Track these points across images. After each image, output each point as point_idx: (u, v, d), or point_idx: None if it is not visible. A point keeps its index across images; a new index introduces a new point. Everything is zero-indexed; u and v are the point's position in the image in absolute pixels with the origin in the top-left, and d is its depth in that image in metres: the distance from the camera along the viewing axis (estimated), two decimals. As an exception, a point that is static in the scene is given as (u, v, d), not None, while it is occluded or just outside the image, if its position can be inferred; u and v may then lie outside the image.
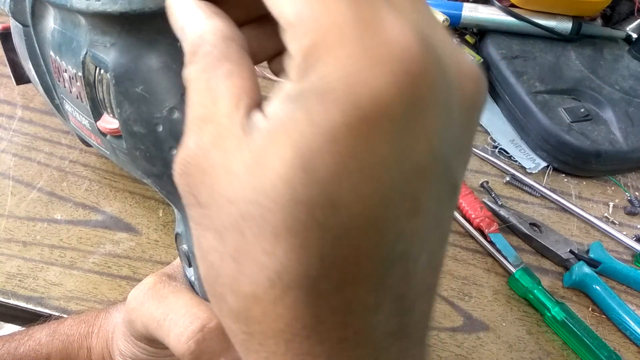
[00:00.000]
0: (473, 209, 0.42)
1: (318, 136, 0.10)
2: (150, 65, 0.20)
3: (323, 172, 0.10)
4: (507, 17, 0.53)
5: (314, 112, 0.10)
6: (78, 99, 0.26)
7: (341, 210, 0.10)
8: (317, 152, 0.10)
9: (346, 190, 0.10)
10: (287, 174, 0.10)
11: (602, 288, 0.39)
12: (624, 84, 0.51)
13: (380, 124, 0.10)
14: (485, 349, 0.36)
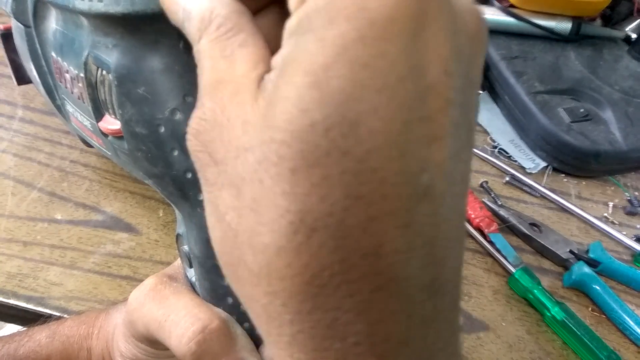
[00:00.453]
0: (473, 209, 0.42)
1: (327, 49, 0.10)
2: (153, 66, 0.20)
3: (337, 86, 0.10)
4: (507, 17, 0.53)
5: (321, 29, 0.10)
6: (80, 99, 0.26)
7: (360, 129, 0.10)
8: (329, 67, 0.10)
9: (362, 105, 0.10)
10: (301, 97, 0.10)
11: (602, 288, 0.39)
12: (623, 84, 0.51)
13: (390, 29, 0.10)
14: (485, 349, 0.36)
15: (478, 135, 0.50)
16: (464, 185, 0.12)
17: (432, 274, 0.11)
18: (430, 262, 0.11)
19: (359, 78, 0.10)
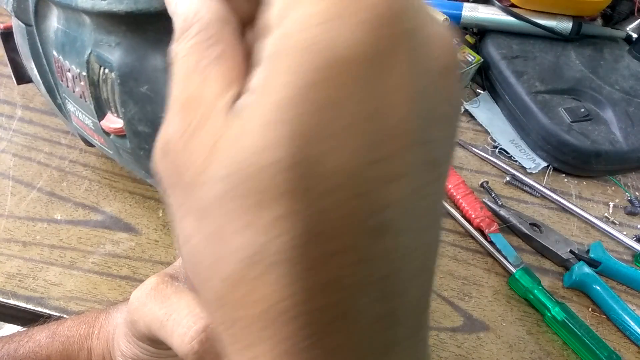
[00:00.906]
0: (473, 209, 0.42)
1: (291, 88, 0.10)
2: (155, 64, 0.20)
3: (302, 123, 0.10)
4: (507, 17, 0.53)
5: (287, 64, 0.10)
6: (82, 98, 0.26)
7: (321, 168, 0.10)
8: (292, 105, 0.10)
9: (324, 145, 0.10)
10: (269, 133, 0.10)
11: (602, 288, 0.38)
12: (624, 84, 0.51)
13: (353, 71, 0.10)
14: (485, 349, 0.36)
15: (478, 135, 0.50)
16: (432, 219, 0.13)
17: (388, 306, 0.12)
18: (387, 295, 0.11)
19: (321, 119, 0.10)
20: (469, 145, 0.48)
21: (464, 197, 0.43)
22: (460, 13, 0.53)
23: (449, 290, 0.39)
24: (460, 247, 0.41)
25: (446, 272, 0.40)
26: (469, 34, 0.59)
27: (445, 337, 0.36)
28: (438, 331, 0.36)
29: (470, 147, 0.48)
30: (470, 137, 0.50)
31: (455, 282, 0.39)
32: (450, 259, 0.41)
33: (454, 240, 0.42)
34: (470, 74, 0.53)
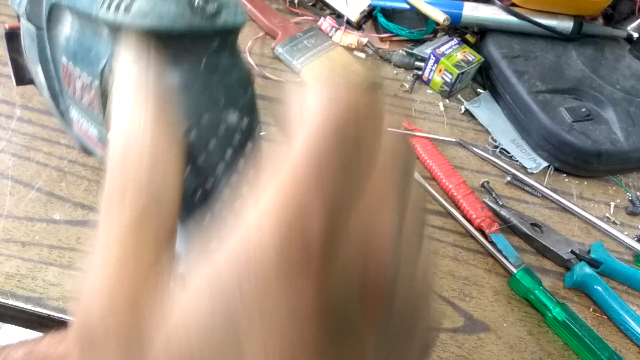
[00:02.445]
0: (474, 209, 0.42)
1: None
2: (172, 83, 0.19)
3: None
4: (508, 16, 0.53)
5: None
6: (90, 107, 0.25)
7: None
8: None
9: None
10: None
11: (604, 288, 0.38)
12: (625, 84, 0.51)
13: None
14: (486, 350, 0.36)
15: (479, 134, 0.50)
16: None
17: None
18: None
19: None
20: (470, 145, 0.48)
21: (464, 197, 0.43)
22: (460, 12, 0.53)
23: (450, 290, 0.39)
24: (461, 247, 0.41)
25: (447, 272, 0.40)
26: (469, 33, 0.58)
27: (445, 337, 0.36)
28: (438, 332, 0.36)
29: (471, 147, 0.48)
30: (471, 137, 0.50)
31: (456, 282, 0.39)
32: (451, 259, 0.40)
33: (454, 240, 0.42)
34: (470, 73, 0.53)
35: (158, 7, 0.17)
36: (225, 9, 0.18)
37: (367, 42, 0.56)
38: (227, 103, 0.20)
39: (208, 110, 0.20)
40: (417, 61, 0.55)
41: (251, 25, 0.57)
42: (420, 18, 0.58)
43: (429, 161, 0.46)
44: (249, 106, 0.21)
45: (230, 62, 0.20)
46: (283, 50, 0.52)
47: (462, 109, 0.52)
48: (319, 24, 0.57)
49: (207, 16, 0.17)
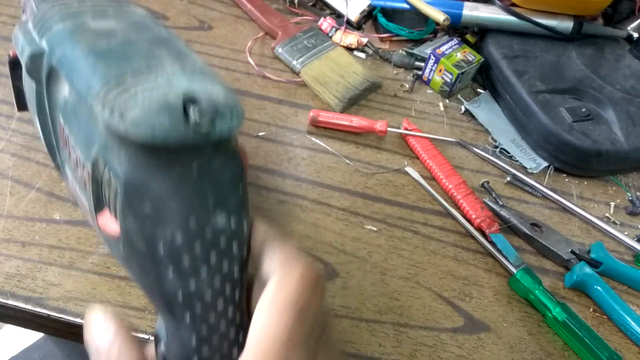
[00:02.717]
0: (474, 209, 0.42)
1: None
2: (163, 187, 0.19)
3: None
4: (508, 16, 0.53)
5: None
6: (82, 181, 0.25)
7: None
8: None
9: None
10: None
11: (604, 288, 0.38)
12: (625, 84, 0.51)
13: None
14: (486, 350, 0.36)
15: (479, 134, 0.50)
16: None
17: None
18: None
19: None
20: (470, 145, 0.48)
21: (464, 198, 0.43)
22: (460, 12, 0.53)
23: (450, 290, 0.39)
24: (461, 247, 0.41)
25: (447, 272, 0.40)
26: (469, 33, 0.58)
27: (445, 337, 0.36)
28: (439, 332, 0.36)
29: (471, 147, 0.48)
30: (471, 137, 0.50)
31: (455, 282, 0.39)
32: (451, 259, 0.40)
33: (454, 240, 0.42)
34: (470, 73, 0.53)
35: (152, 120, 0.16)
36: (220, 119, 0.18)
37: (367, 42, 0.56)
38: (216, 205, 0.20)
39: (196, 214, 0.19)
40: (417, 61, 0.55)
41: (251, 25, 0.57)
42: (420, 18, 0.58)
43: (429, 161, 0.46)
44: (238, 205, 0.21)
45: (223, 163, 0.20)
46: (283, 50, 0.52)
47: (462, 109, 0.52)
48: (318, 24, 0.57)
49: (201, 131, 0.17)
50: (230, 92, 0.19)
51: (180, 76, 0.18)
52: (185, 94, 0.17)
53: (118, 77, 0.18)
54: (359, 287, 0.38)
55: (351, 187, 0.44)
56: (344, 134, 0.48)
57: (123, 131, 0.17)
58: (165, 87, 0.17)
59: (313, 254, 0.39)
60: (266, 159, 0.45)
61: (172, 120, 0.16)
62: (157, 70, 0.19)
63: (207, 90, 0.18)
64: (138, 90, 0.17)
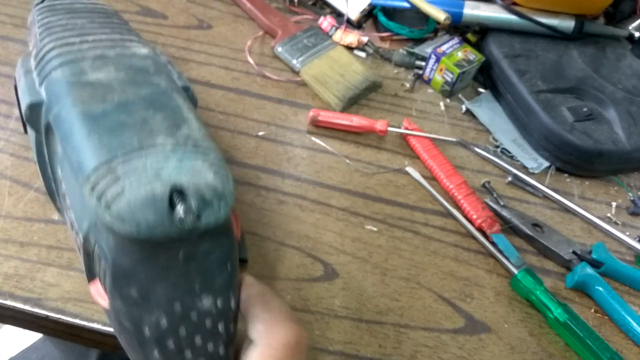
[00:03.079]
0: (475, 210, 0.42)
1: None
2: (149, 273, 0.19)
3: None
4: (509, 15, 0.52)
5: None
6: (76, 244, 0.24)
7: None
8: None
9: None
10: None
11: (605, 289, 0.38)
12: (626, 83, 0.50)
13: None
14: (487, 351, 0.36)
15: (480, 134, 0.50)
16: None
17: None
18: None
19: None
20: (471, 145, 0.48)
21: (465, 198, 0.43)
22: (461, 11, 0.53)
23: (451, 291, 0.38)
24: (462, 248, 0.41)
25: (447, 273, 0.39)
26: (470, 32, 0.58)
27: (446, 338, 0.36)
28: (439, 332, 0.36)
29: (472, 147, 0.48)
30: (472, 137, 0.50)
31: (456, 283, 0.39)
32: (452, 259, 0.40)
33: (455, 241, 0.41)
34: (471, 73, 0.52)
35: (137, 215, 0.16)
36: (207, 211, 0.18)
37: (368, 41, 0.56)
38: (202, 289, 0.20)
39: (181, 299, 0.19)
40: (417, 60, 0.54)
41: (251, 24, 0.56)
42: (420, 17, 0.58)
43: (429, 161, 0.45)
44: (226, 284, 0.21)
45: (210, 246, 0.20)
46: (283, 50, 0.52)
47: (463, 108, 0.52)
48: (319, 23, 0.56)
49: (186, 226, 0.17)
50: (221, 173, 0.19)
51: (170, 160, 0.18)
52: (172, 186, 0.17)
53: (109, 162, 0.18)
54: (360, 287, 0.37)
55: (351, 187, 0.43)
56: (344, 134, 0.47)
57: (109, 223, 0.17)
58: (153, 178, 0.17)
59: (313, 254, 0.39)
60: (266, 158, 0.44)
61: (157, 216, 0.16)
62: (148, 151, 0.18)
63: (195, 180, 0.17)
64: (126, 183, 0.16)
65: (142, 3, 0.56)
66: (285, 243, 0.39)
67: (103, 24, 0.31)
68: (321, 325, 0.35)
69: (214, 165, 0.19)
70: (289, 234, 0.40)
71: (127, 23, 0.34)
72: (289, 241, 0.39)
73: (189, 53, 0.52)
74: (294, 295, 0.36)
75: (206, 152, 0.20)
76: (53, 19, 0.30)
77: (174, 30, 0.54)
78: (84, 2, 0.34)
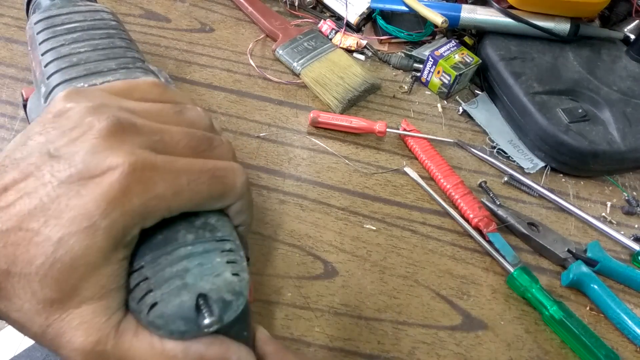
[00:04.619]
0: (471, 209, 0.43)
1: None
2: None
3: None
4: (506, 18, 0.53)
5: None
6: None
7: None
8: None
9: None
10: None
11: (600, 287, 0.39)
12: (621, 85, 0.51)
13: None
14: (484, 348, 0.36)
15: (477, 135, 0.51)
16: None
17: None
18: None
19: None
20: (468, 146, 0.49)
21: (462, 197, 0.43)
22: (459, 15, 0.54)
23: (448, 289, 0.39)
24: (459, 246, 0.42)
25: (445, 271, 0.40)
26: (467, 35, 0.59)
27: (444, 335, 0.36)
28: (437, 329, 0.37)
29: (469, 148, 0.49)
30: (469, 138, 0.50)
31: (454, 281, 0.40)
32: (449, 258, 0.41)
33: (452, 239, 0.42)
34: (468, 75, 0.53)
35: (170, 325, 0.18)
36: (228, 311, 0.19)
37: (367, 44, 0.56)
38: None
39: None
40: (415, 63, 0.55)
41: (252, 28, 0.57)
42: (418, 20, 0.58)
43: (427, 161, 0.46)
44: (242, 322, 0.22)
45: (230, 325, 0.21)
46: (283, 52, 0.53)
47: (460, 110, 0.52)
48: (318, 27, 0.57)
49: (212, 328, 0.18)
50: (237, 268, 0.20)
51: (192, 260, 0.19)
52: (198, 295, 0.19)
53: (139, 269, 0.19)
54: (359, 285, 0.38)
55: (351, 187, 0.44)
56: (343, 135, 0.48)
57: (145, 325, 0.19)
58: (181, 287, 0.19)
59: (313, 252, 0.39)
60: (267, 159, 0.45)
61: (187, 325, 0.18)
62: (173, 247, 0.19)
63: (217, 284, 0.19)
64: (157, 295, 0.18)
65: (145, 6, 0.57)
66: (286, 242, 0.40)
67: (107, 52, 0.31)
68: (321, 322, 0.36)
69: (231, 260, 0.20)
70: (289, 233, 0.40)
71: (129, 38, 0.34)
72: (289, 240, 0.40)
73: (192, 56, 0.53)
74: (295, 292, 0.37)
75: (223, 242, 0.21)
76: (57, 46, 0.30)
77: (177, 33, 0.55)
78: (82, 11, 0.33)
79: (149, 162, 0.18)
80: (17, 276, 0.17)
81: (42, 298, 0.17)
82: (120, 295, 0.19)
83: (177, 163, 0.19)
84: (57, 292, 0.17)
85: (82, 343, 0.17)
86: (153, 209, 0.18)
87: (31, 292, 0.17)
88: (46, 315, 0.17)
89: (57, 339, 0.18)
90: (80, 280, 0.17)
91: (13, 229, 0.17)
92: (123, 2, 0.57)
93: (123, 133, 0.18)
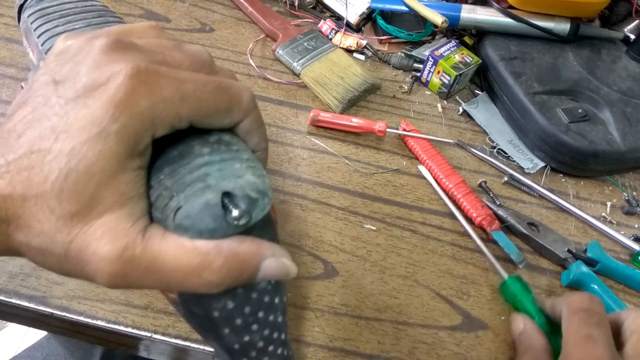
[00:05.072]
0: (474, 208, 0.43)
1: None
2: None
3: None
4: (505, 18, 0.53)
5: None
6: None
7: None
8: None
9: None
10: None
11: (600, 287, 0.39)
12: (621, 85, 0.51)
13: None
14: (484, 348, 0.36)
15: (477, 135, 0.51)
16: None
17: None
18: None
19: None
20: (468, 146, 0.49)
21: (465, 197, 0.43)
22: (459, 15, 0.54)
23: (448, 289, 0.39)
24: (459, 246, 0.42)
25: (445, 271, 0.40)
26: (467, 35, 0.59)
27: (444, 335, 0.36)
28: (437, 329, 0.37)
29: (469, 148, 0.49)
30: (469, 138, 0.50)
31: (454, 281, 0.40)
32: (449, 258, 0.41)
33: (452, 239, 0.42)
34: (468, 75, 0.53)
35: (198, 224, 0.18)
36: (255, 208, 0.19)
37: (367, 44, 0.56)
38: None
39: (242, 285, 0.21)
40: (415, 63, 0.55)
41: (252, 28, 0.57)
42: (418, 20, 0.58)
43: (428, 161, 0.46)
44: None
45: (259, 233, 0.21)
46: (283, 52, 0.53)
47: (460, 110, 0.52)
48: (318, 26, 0.57)
49: (240, 223, 0.18)
50: (258, 172, 0.20)
51: (212, 166, 0.19)
52: (222, 193, 0.18)
53: (157, 178, 0.19)
54: (359, 285, 0.38)
55: (351, 187, 0.44)
56: (343, 135, 0.48)
57: (172, 232, 0.18)
58: (204, 188, 0.18)
59: (313, 252, 0.39)
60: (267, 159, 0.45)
61: (216, 221, 0.18)
62: (189, 159, 0.20)
63: (240, 183, 0.19)
64: (181, 198, 0.18)
65: (145, 6, 0.57)
66: (286, 242, 0.40)
67: (101, 27, 0.32)
68: (321, 322, 0.36)
69: (250, 165, 0.20)
70: (289, 232, 0.40)
71: (122, 21, 0.34)
72: (289, 240, 0.40)
73: (191, 56, 0.52)
74: (295, 292, 0.37)
75: (239, 152, 0.21)
76: (51, 28, 0.31)
77: (177, 33, 0.55)
78: (73, 0, 0.34)
79: (153, 67, 0.18)
80: (33, 198, 0.16)
81: (61, 214, 0.16)
82: (143, 203, 0.18)
83: (181, 72, 0.19)
84: (75, 204, 0.16)
85: (109, 250, 0.17)
86: (161, 112, 0.18)
87: (49, 210, 0.16)
88: (67, 231, 0.17)
89: (82, 254, 0.17)
90: (97, 189, 0.16)
91: (25, 153, 0.17)
92: (123, 2, 0.57)
93: (125, 49, 0.18)
